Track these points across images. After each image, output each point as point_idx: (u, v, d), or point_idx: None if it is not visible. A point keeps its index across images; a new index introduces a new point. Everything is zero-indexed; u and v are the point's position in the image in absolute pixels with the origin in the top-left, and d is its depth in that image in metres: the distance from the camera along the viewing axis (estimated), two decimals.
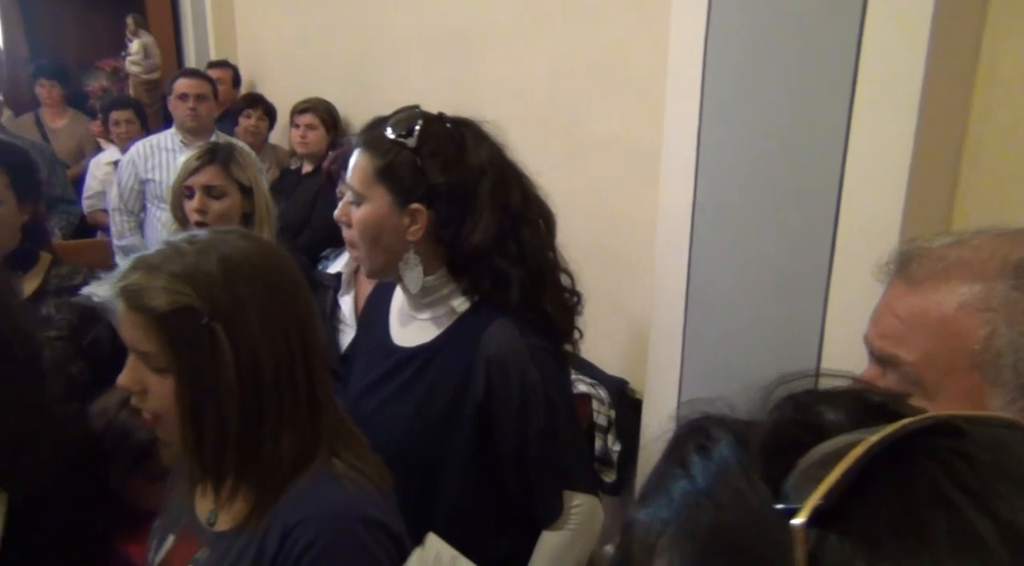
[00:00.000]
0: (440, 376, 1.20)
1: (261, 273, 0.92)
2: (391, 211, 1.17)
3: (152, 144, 3.44)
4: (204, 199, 1.84)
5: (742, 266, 1.54)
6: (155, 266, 0.89)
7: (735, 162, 1.53)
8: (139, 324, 0.88)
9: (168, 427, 0.93)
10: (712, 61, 1.54)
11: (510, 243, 1.19)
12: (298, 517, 0.88)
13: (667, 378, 1.76)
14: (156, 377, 0.90)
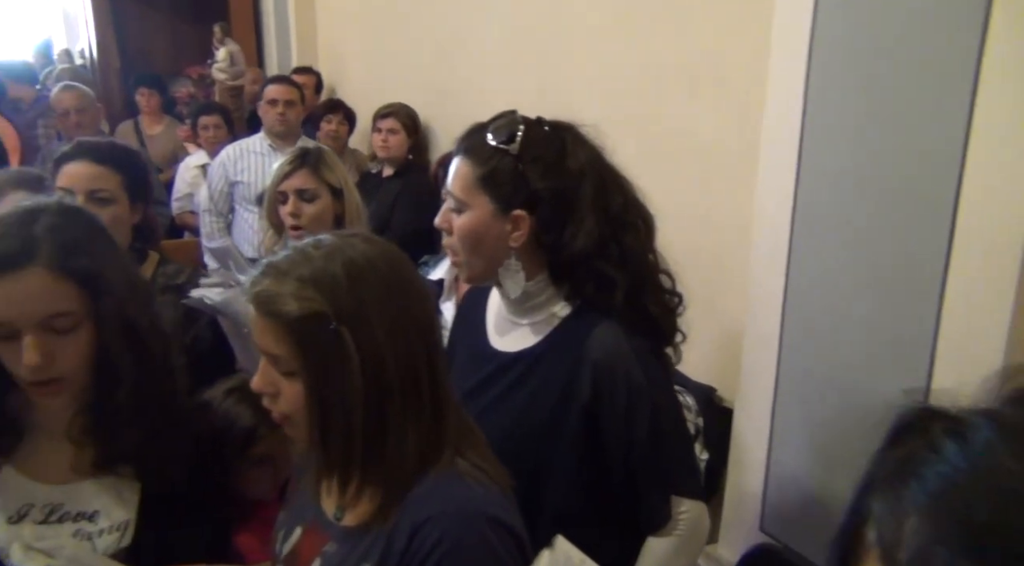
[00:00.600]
0: (544, 381, 1.20)
1: (384, 276, 0.93)
2: (493, 218, 1.18)
3: (242, 147, 3.56)
4: (297, 203, 1.89)
5: (846, 274, 1.50)
6: (284, 271, 0.91)
7: (842, 165, 1.49)
8: (270, 329, 0.91)
9: (297, 427, 0.95)
10: (818, 61, 1.50)
11: (612, 247, 1.18)
12: (425, 515, 0.89)
13: (761, 387, 1.73)
14: (286, 380, 0.93)
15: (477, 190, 1.18)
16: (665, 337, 1.23)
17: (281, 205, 1.91)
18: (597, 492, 1.21)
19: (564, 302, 1.22)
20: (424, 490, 0.92)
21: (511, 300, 1.24)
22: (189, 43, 7.12)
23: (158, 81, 5.00)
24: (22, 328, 1.01)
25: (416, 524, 0.89)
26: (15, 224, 1.05)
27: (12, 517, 1.09)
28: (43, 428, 1.13)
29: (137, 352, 1.10)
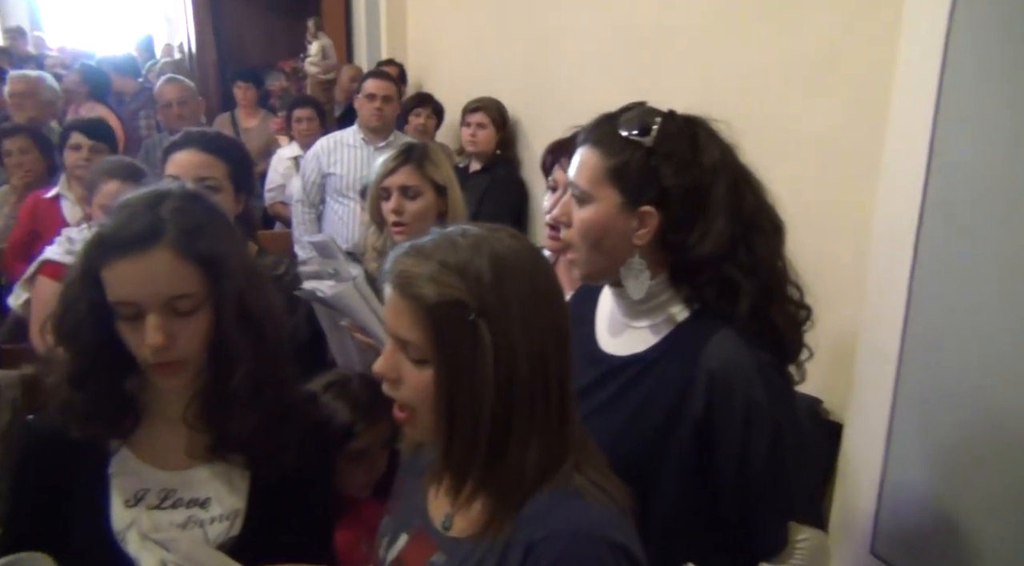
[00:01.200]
0: (656, 389, 1.14)
1: (527, 274, 0.90)
2: (619, 213, 1.12)
3: (336, 140, 3.61)
4: (400, 200, 1.87)
5: (980, 281, 1.38)
6: (428, 254, 0.89)
7: (978, 162, 1.37)
8: (406, 311, 0.88)
9: (418, 422, 0.93)
10: (956, 47, 1.38)
11: (742, 250, 1.11)
12: (542, 533, 0.85)
13: (876, 401, 1.62)
14: (413, 368, 0.90)
15: (605, 182, 1.13)
16: (789, 352, 1.15)
17: (384, 201, 1.90)
18: (708, 511, 1.14)
19: (683, 305, 1.16)
20: (540, 506, 0.88)
21: (627, 301, 1.18)
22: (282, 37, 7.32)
23: (255, 75, 5.14)
24: (146, 308, 1.03)
25: (531, 543, 0.85)
26: (142, 206, 1.06)
27: (129, 500, 1.11)
28: (159, 413, 1.15)
29: (253, 338, 1.10)
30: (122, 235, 1.03)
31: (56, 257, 2.41)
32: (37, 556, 0.88)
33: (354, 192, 3.52)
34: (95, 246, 1.05)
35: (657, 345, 1.16)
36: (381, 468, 1.52)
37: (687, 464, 1.12)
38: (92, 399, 1.08)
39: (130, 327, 1.04)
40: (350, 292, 1.42)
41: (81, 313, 1.05)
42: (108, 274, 1.03)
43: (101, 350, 1.06)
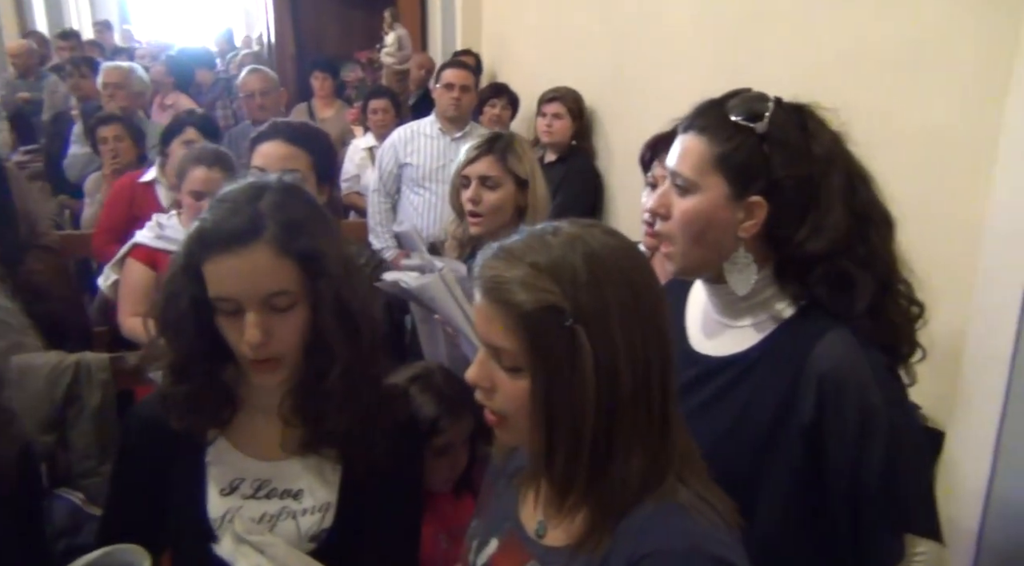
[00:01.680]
0: (758, 392, 1.08)
1: (626, 273, 0.85)
2: (725, 203, 1.07)
3: (413, 129, 3.63)
4: (478, 189, 1.85)
5: None
6: (518, 256, 0.85)
7: None
8: (498, 318, 0.84)
9: (512, 429, 0.90)
10: None
11: (857, 244, 1.05)
12: (646, 549, 0.81)
13: (984, 407, 1.52)
14: (507, 376, 0.86)
15: (711, 171, 1.07)
16: (903, 352, 1.08)
17: (464, 189, 1.88)
18: (816, 520, 1.08)
19: (788, 302, 1.09)
20: (643, 520, 0.83)
21: (725, 298, 1.13)
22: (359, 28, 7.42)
23: (332, 66, 5.21)
24: (245, 305, 1.03)
25: (634, 559, 0.81)
26: (242, 201, 1.06)
27: (224, 489, 1.12)
28: (255, 405, 1.16)
29: (349, 335, 1.09)
30: (222, 230, 1.03)
31: (146, 241, 2.49)
32: (133, 547, 0.89)
33: (430, 182, 3.54)
34: (196, 240, 1.05)
35: (758, 345, 1.10)
36: (463, 464, 1.51)
37: (793, 473, 1.06)
38: (192, 392, 1.10)
39: (229, 322, 1.04)
40: (435, 284, 1.40)
41: (183, 307, 1.06)
42: (209, 269, 1.03)
43: (202, 343, 1.07)
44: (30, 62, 6.10)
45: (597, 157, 3.48)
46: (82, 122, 4.04)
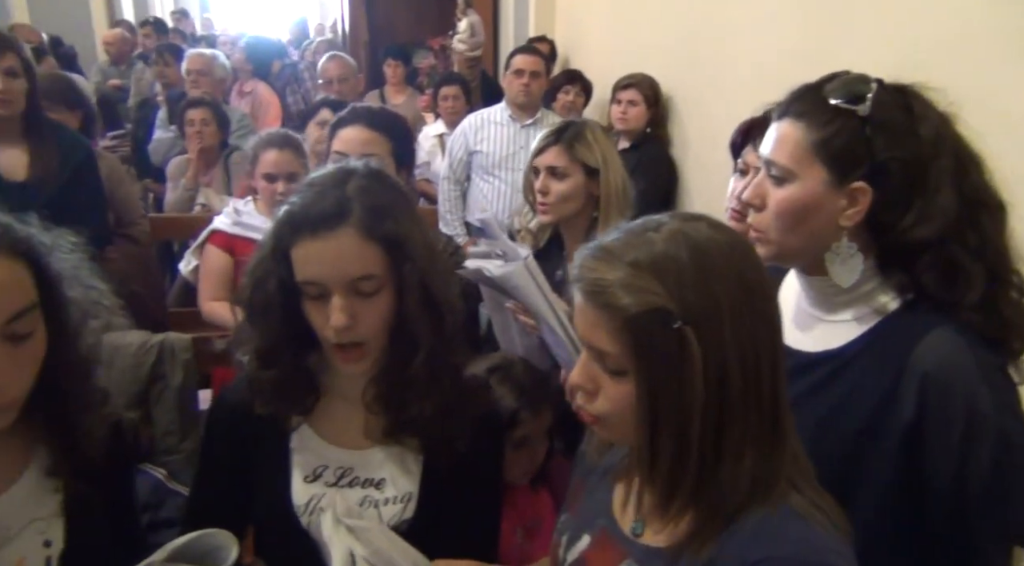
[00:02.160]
0: (855, 390, 1.03)
1: (735, 270, 0.81)
2: (826, 191, 1.02)
3: (483, 117, 3.62)
4: (546, 180, 1.83)
5: None
6: (618, 255, 0.82)
7: None
8: (600, 323, 0.81)
9: (613, 430, 0.87)
10: None
11: (969, 231, 0.99)
12: (757, 555, 0.78)
13: None
14: (610, 379, 0.83)
15: (811, 157, 1.02)
16: (1014, 348, 1.01)
17: (535, 179, 1.86)
18: (913, 530, 1.02)
19: (893, 294, 1.03)
20: (755, 524, 0.80)
21: (821, 290, 1.08)
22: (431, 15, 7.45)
23: (404, 53, 5.24)
24: (331, 289, 1.03)
25: (747, 563, 0.78)
26: (329, 185, 1.06)
27: (308, 476, 1.13)
28: (338, 392, 1.16)
29: (434, 322, 1.08)
30: (310, 214, 1.03)
31: (223, 227, 2.55)
32: (222, 533, 0.90)
33: (500, 170, 3.52)
34: (284, 224, 1.05)
35: (857, 340, 1.05)
36: (541, 457, 1.50)
37: (890, 478, 1.00)
38: (278, 377, 1.10)
39: (315, 307, 1.04)
40: (520, 272, 1.38)
41: (270, 291, 1.06)
42: (296, 253, 1.03)
43: (288, 328, 1.08)
44: (123, 50, 6.36)
45: (672, 145, 3.40)
46: (167, 108, 4.17)
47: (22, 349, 0.89)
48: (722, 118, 1.71)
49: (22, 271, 0.90)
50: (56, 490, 1.01)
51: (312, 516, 1.11)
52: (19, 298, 0.89)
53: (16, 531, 0.96)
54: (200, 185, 3.52)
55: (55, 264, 0.96)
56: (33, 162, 2.40)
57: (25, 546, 0.96)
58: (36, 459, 1.01)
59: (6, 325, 0.87)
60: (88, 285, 1.02)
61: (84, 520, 1.01)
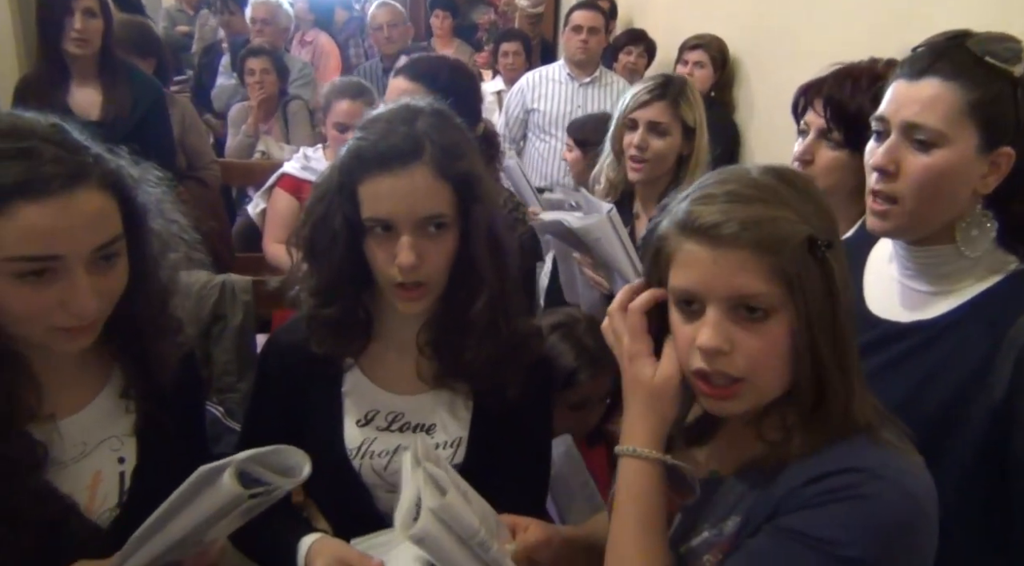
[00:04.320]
0: (945, 361, 1.00)
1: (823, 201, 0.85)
2: (973, 156, 0.98)
3: (541, 74, 3.58)
4: (646, 135, 1.79)
5: None
6: (743, 196, 0.81)
7: None
8: (747, 264, 0.79)
9: (750, 393, 0.82)
10: None
11: None
12: (838, 466, 0.78)
13: None
14: (747, 332, 0.80)
15: (963, 120, 0.97)
16: None
17: (629, 133, 1.82)
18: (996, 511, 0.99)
19: (997, 268, 1.01)
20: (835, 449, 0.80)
21: (924, 261, 1.04)
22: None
23: (452, 5, 5.16)
24: (399, 227, 1.02)
25: (817, 475, 0.78)
26: (400, 121, 1.05)
27: (360, 420, 1.15)
28: (391, 337, 1.16)
29: (497, 264, 1.09)
30: (381, 150, 1.02)
31: (292, 171, 2.59)
32: (296, 450, 0.92)
33: (556, 129, 3.49)
34: (353, 159, 1.05)
35: (954, 311, 1.02)
36: (594, 420, 1.49)
37: (976, 452, 0.98)
38: (336, 315, 1.11)
39: (380, 245, 1.04)
40: (603, 224, 1.35)
41: (334, 228, 1.06)
42: (365, 189, 1.03)
43: (348, 267, 1.08)
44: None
45: (736, 110, 3.32)
46: (230, 55, 4.21)
47: (105, 277, 0.93)
48: (790, 83, 1.65)
49: (111, 202, 0.93)
50: (129, 411, 1.05)
51: (364, 459, 1.13)
52: (107, 229, 0.92)
53: (93, 446, 1.01)
54: (260, 133, 3.58)
55: (140, 197, 0.99)
56: (106, 102, 2.46)
57: (101, 461, 1.01)
58: (112, 381, 1.05)
59: (93, 253, 0.90)
60: (170, 218, 1.05)
61: (155, 441, 1.05)
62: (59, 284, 0.88)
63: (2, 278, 0.86)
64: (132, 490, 1.02)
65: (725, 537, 0.83)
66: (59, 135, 0.91)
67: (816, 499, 0.77)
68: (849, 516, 0.75)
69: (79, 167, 0.89)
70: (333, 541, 1.07)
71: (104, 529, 0.99)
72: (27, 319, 0.89)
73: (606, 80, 3.58)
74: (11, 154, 0.86)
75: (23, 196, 0.85)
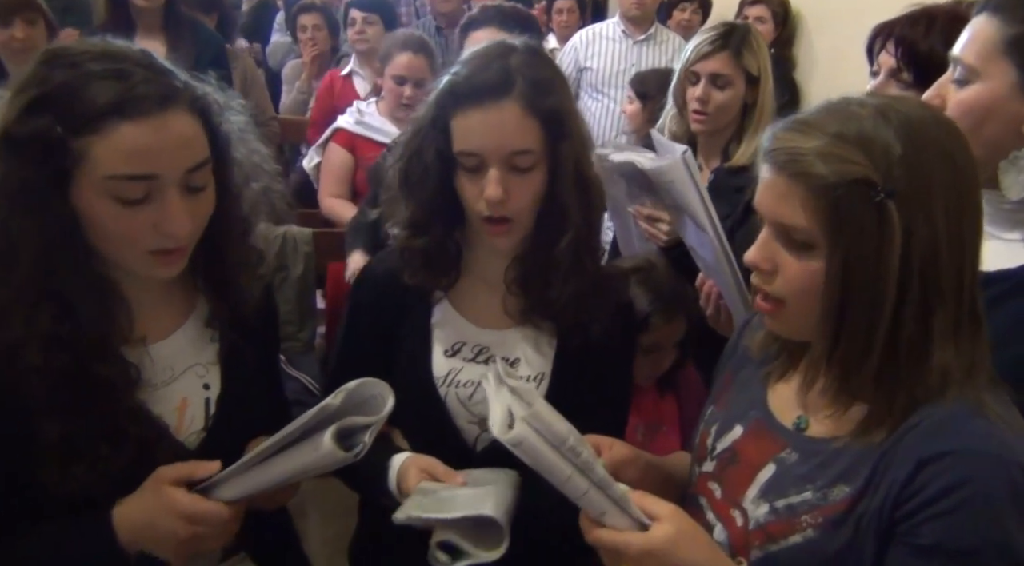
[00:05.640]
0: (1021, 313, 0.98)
1: (946, 149, 0.78)
2: (1011, 94, 0.96)
3: (594, 32, 3.53)
4: (708, 88, 1.76)
5: None
6: (819, 126, 0.79)
7: None
8: (791, 194, 0.79)
9: (788, 317, 0.85)
10: None
11: None
12: (940, 448, 0.76)
13: None
14: (793, 257, 0.81)
15: (1000, 56, 0.96)
16: None
17: (691, 86, 1.79)
18: None
19: None
20: (937, 418, 0.78)
21: (992, 204, 1.00)
22: None
23: None
24: (488, 160, 1.04)
25: (926, 456, 0.76)
26: (493, 57, 1.06)
27: (447, 351, 1.17)
28: (479, 272, 1.18)
29: (584, 202, 1.09)
30: (474, 84, 1.04)
31: (346, 126, 2.61)
32: (379, 382, 0.95)
33: (609, 87, 3.44)
34: (447, 93, 1.07)
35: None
36: (666, 366, 1.50)
37: None
38: (428, 247, 1.13)
39: (469, 179, 1.06)
40: (677, 166, 1.33)
41: (428, 161, 1.09)
42: (457, 123, 1.05)
43: (440, 200, 1.10)
44: None
45: (796, 68, 3.25)
46: (285, 11, 4.23)
47: (196, 200, 0.95)
48: (854, 39, 1.60)
49: (199, 126, 0.94)
50: (213, 339, 1.08)
51: (449, 388, 1.15)
52: (198, 151, 0.93)
53: (180, 372, 1.04)
54: (313, 89, 3.60)
55: (225, 125, 1.00)
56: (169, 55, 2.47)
57: (188, 387, 1.05)
58: (197, 309, 1.08)
59: (185, 175, 0.92)
60: (252, 148, 1.07)
61: (237, 370, 1.08)
62: (154, 206, 0.90)
63: (101, 200, 0.89)
64: (216, 416, 1.06)
65: (829, 503, 0.82)
66: (148, 59, 0.93)
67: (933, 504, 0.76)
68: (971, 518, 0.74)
69: (170, 89, 0.91)
70: (423, 457, 1.10)
71: (191, 450, 1.03)
72: (124, 242, 0.92)
73: (661, 37, 3.51)
74: (106, 75, 0.88)
75: (119, 115, 0.87)
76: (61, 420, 0.90)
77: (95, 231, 0.91)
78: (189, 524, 0.92)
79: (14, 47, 2.30)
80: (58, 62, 0.89)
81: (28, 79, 0.89)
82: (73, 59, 0.89)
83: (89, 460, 0.91)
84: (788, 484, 0.87)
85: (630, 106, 2.64)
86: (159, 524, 0.93)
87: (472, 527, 0.99)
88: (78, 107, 0.86)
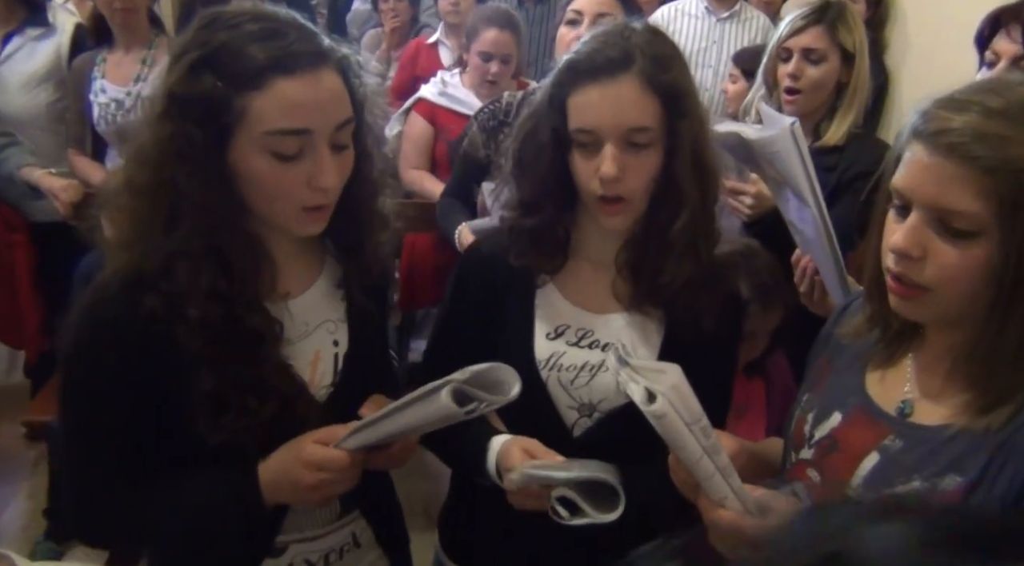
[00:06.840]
0: None
1: None
2: None
3: (676, 8, 3.46)
4: (800, 63, 1.72)
5: None
6: (986, 106, 0.78)
7: None
8: (960, 177, 0.77)
9: (930, 303, 0.83)
10: None
11: None
12: None
13: None
14: (947, 244, 0.79)
15: None
16: None
17: (783, 63, 1.76)
18: None
19: None
20: None
21: None
22: None
23: None
24: (605, 137, 1.04)
25: None
26: (614, 35, 1.07)
27: (550, 333, 1.17)
28: (588, 255, 1.18)
29: (701, 184, 1.08)
30: (593, 60, 1.05)
31: (429, 96, 2.63)
32: (506, 368, 0.96)
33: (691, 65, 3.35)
34: (565, 71, 1.07)
35: None
36: (757, 352, 1.50)
37: None
38: (536, 227, 1.13)
39: (584, 157, 1.06)
40: (784, 136, 1.31)
41: (542, 140, 1.09)
42: (574, 101, 1.05)
43: (552, 180, 1.10)
44: None
45: (887, 51, 3.15)
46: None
47: (340, 159, 0.98)
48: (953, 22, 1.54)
49: (343, 86, 0.97)
50: (342, 299, 1.12)
51: (552, 371, 1.15)
52: (345, 108, 0.97)
53: (314, 327, 1.08)
54: (392, 60, 3.62)
55: (361, 87, 1.03)
56: None
57: (319, 342, 1.09)
58: (327, 269, 1.12)
59: (335, 132, 0.95)
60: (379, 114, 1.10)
61: (363, 328, 1.13)
62: (307, 161, 0.94)
63: (259, 156, 0.93)
64: (344, 371, 1.10)
65: (938, 493, 0.82)
66: (298, 21, 0.97)
67: None
68: None
69: (321, 48, 0.95)
70: (524, 438, 1.11)
71: (321, 404, 1.07)
72: (279, 197, 0.96)
73: (746, 15, 3.43)
74: (264, 35, 0.92)
75: (278, 71, 0.90)
76: (215, 372, 0.95)
77: (251, 188, 0.95)
78: (315, 471, 0.97)
79: (116, 7, 2.36)
80: (217, 25, 0.93)
81: (189, 42, 0.94)
82: (231, 21, 0.93)
83: (237, 411, 0.96)
84: (894, 473, 0.86)
85: (732, 86, 2.59)
86: (290, 472, 0.98)
87: (587, 491, 1.02)
88: (239, 65, 0.90)
